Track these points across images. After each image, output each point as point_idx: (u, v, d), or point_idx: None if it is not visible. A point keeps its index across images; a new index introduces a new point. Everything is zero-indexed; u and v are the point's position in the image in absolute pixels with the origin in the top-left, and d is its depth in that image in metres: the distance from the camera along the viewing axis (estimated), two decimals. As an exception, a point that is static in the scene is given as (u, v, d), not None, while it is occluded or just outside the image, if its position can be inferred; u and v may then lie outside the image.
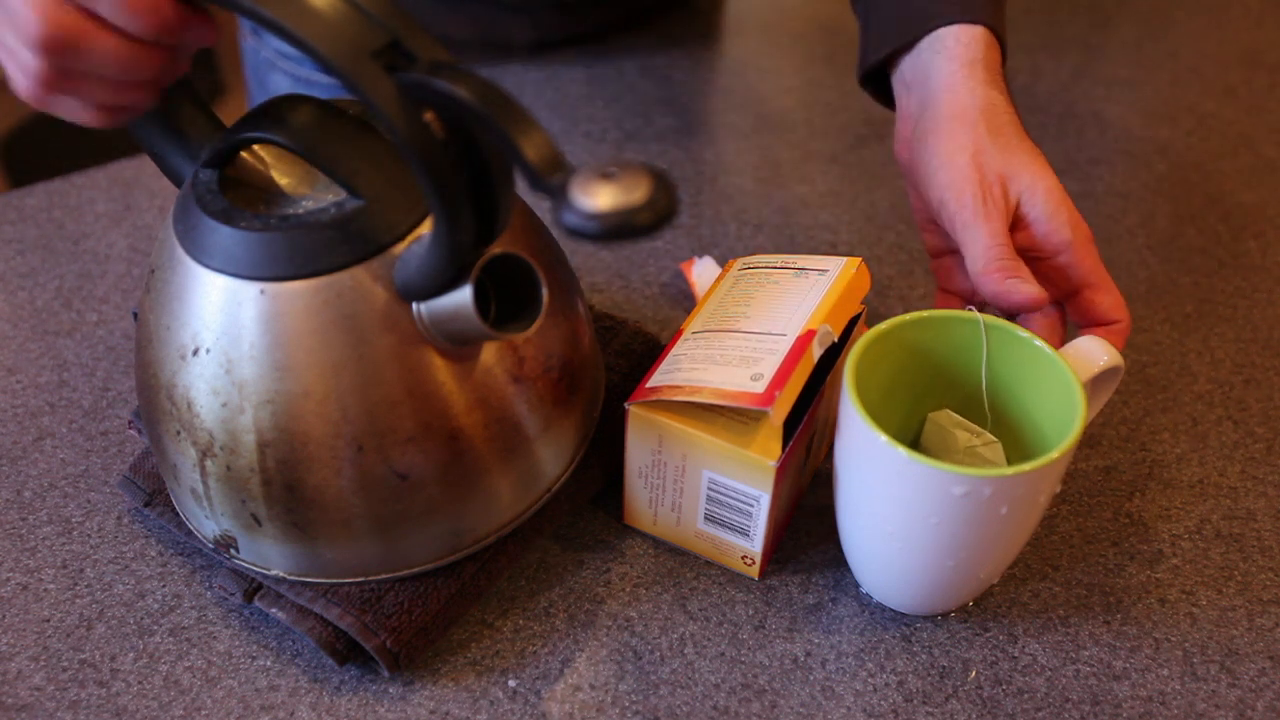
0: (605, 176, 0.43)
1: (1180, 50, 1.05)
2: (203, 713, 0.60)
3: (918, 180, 0.67)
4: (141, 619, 0.63)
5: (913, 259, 0.85)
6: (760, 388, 0.59)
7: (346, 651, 0.60)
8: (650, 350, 0.72)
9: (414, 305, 0.54)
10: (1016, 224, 0.64)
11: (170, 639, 0.62)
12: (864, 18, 0.74)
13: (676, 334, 0.66)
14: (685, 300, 0.81)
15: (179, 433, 0.57)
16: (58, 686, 0.61)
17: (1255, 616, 0.64)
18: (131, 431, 0.71)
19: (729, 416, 0.61)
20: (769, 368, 0.60)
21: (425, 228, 0.55)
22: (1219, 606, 0.65)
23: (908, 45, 0.70)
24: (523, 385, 0.58)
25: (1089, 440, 0.73)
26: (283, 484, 0.56)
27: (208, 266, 0.54)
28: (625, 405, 0.62)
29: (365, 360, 0.54)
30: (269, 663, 0.62)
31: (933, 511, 0.57)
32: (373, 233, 0.54)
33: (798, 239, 0.86)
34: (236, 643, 0.62)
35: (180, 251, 0.55)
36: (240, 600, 0.62)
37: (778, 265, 0.68)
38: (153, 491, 0.66)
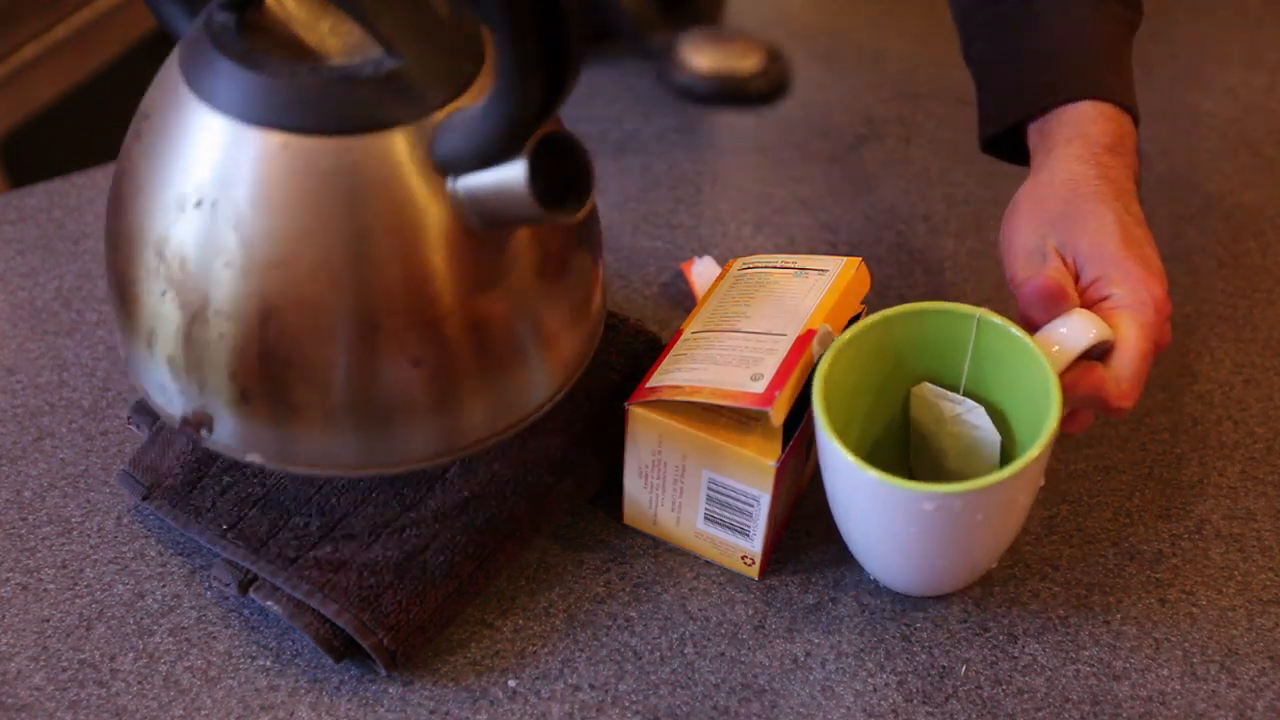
0: (715, 39, 0.40)
1: (1180, 50, 1.05)
2: (203, 713, 0.60)
3: (1002, 257, 0.66)
4: (141, 619, 0.63)
5: (913, 259, 0.85)
6: (760, 388, 0.59)
7: (344, 648, 0.60)
8: (650, 350, 0.72)
9: (450, 179, 0.50)
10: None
11: (170, 639, 0.62)
12: (979, 79, 0.73)
13: (676, 334, 0.66)
14: (685, 300, 0.81)
15: (164, 293, 0.52)
16: (58, 686, 0.61)
17: (1255, 616, 0.64)
18: (131, 428, 0.70)
19: (729, 416, 0.61)
20: (769, 368, 0.60)
21: (469, 98, 0.51)
22: (1219, 606, 0.65)
23: (1019, 122, 0.69)
24: (544, 283, 0.55)
25: (1089, 440, 0.73)
26: (284, 358, 0.52)
27: (223, 112, 0.49)
28: (625, 405, 0.62)
29: (391, 233, 0.50)
30: (269, 663, 0.62)
31: (910, 523, 0.58)
32: (412, 95, 0.49)
33: (798, 239, 0.86)
34: (236, 643, 0.62)
35: (189, 94, 0.50)
36: (235, 591, 0.62)
37: (778, 265, 0.68)
38: (151, 485, 0.66)
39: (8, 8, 1.51)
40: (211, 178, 0.50)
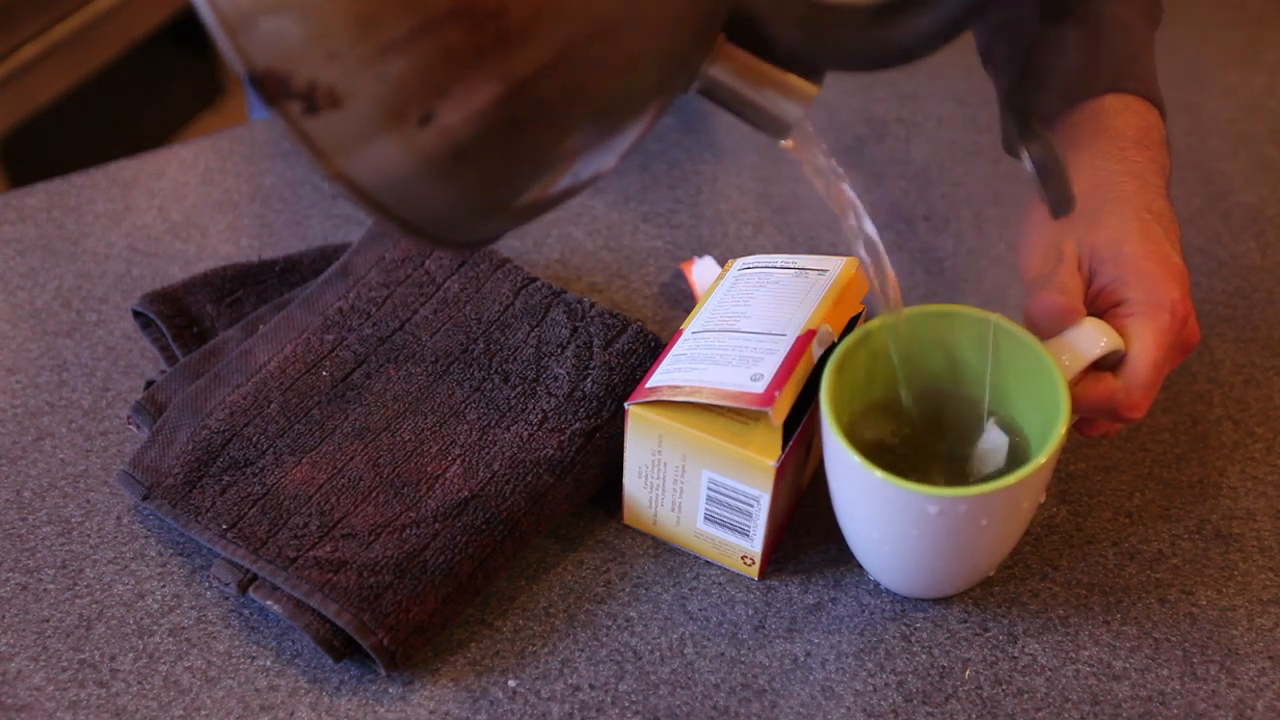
0: None
1: (1180, 50, 1.05)
2: (202, 713, 0.60)
3: (1017, 255, 0.66)
4: (141, 619, 0.63)
5: (913, 259, 0.85)
6: (760, 388, 0.59)
7: (344, 648, 0.60)
8: (650, 350, 0.72)
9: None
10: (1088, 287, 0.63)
11: (170, 639, 0.62)
12: (999, 81, 0.71)
13: (676, 334, 0.66)
14: (685, 300, 0.81)
15: None
16: (57, 686, 0.61)
17: (1255, 616, 0.64)
18: (131, 428, 0.70)
19: (729, 416, 0.61)
20: (769, 368, 0.60)
21: None
22: (1219, 606, 0.65)
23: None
24: None
25: (1089, 440, 0.72)
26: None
27: None
28: (625, 405, 0.62)
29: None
30: (268, 663, 0.62)
31: (913, 525, 0.58)
32: None
33: (798, 239, 0.86)
34: (236, 643, 0.62)
35: None
36: (235, 591, 0.62)
37: (778, 265, 0.68)
38: (151, 485, 0.66)
39: (8, 8, 1.51)
40: None
